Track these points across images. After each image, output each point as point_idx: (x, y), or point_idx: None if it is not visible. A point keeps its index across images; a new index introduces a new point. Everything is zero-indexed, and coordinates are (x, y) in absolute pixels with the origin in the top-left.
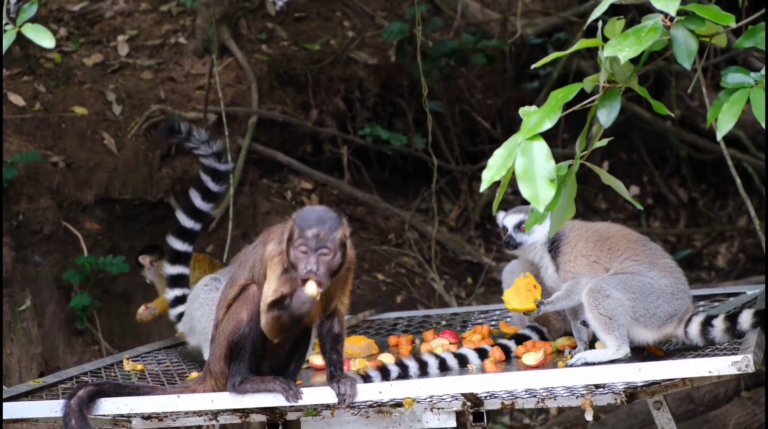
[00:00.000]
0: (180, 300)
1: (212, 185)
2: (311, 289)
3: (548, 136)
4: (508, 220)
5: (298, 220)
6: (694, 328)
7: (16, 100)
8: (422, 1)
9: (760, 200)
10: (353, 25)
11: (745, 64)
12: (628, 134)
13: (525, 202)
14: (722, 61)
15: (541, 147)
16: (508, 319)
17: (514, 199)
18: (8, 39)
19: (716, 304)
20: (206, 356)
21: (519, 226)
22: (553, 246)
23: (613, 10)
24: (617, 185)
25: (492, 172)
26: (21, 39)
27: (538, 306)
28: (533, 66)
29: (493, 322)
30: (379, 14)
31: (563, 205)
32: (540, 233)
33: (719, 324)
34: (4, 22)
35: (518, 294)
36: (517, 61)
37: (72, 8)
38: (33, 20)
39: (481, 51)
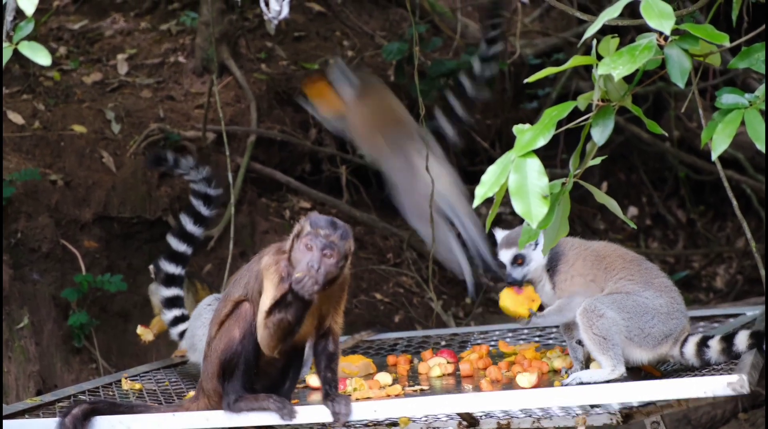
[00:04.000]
0: (179, 319)
1: (203, 209)
2: None
3: (547, 156)
4: (503, 255)
5: (312, 219)
6: (690, 349)
7: (15, 118)
8: (421, 22)
9: (759, 222)
10: (352, 45)
11: (744, 86)
12: (627, 155)
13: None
14: (721, 82)
15: (534, 164)
16: (508, 339)
17: (512, 219)
18: (5, 56)
19: (716, 325)
20: None
21: (516, 261)
22: (551, 264)
23: (613, 30)
24: (611, 204)
25: (485, 188)
26: (20, 57)
27: (530, 315)
28: (526, 80)
29: (492, 343)
30: (379, 34)
31: (557, 223)
32: (538, 260)
33: (715, 345)
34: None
35: (515, 298)
36: (516, 82)
37: (72, 27)
38: (32, 38)
39: None
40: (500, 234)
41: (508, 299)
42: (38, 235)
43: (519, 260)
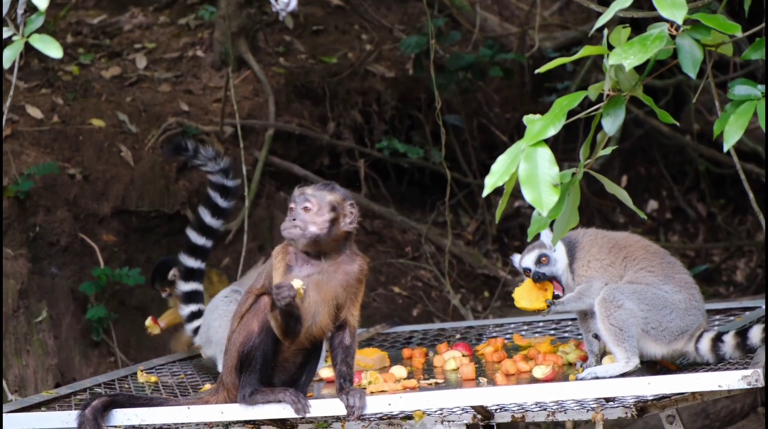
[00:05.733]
0: (196, 315)
1: (221, 201)
2: (295, 282)
3: (566, 149)
4: (525, 261)
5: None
6: (705, 345)
7: (34, 112)
8: (440, 15)
9: None
10: (371, 39)
11: (765, 79)
12: (647, 149)
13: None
14: (741, 75)
15: (545, 153)
16: (523, 332)
17: (530, 212)
18: (15, 49)
19: (732, 318)
20: (220, 368)
21: (540, 261)
22: (570, 254)
23: (632, 23)
24: (621, 194)
25: (495, 177)
26: (39, 52)
27: (548, 306)
28: (537, 71)
29: (507, 335)
30: (397, 27)
31: (566, 213)
32: (561, 260)
33: (729, 340)
34: (11, 33)
35: (529, 293)
36: (535, 75)
37: (91, 21)
38: (50, 32)
39: (498, 64)
40: (517, 256)
41: (523, 299)
42: (57, 229)
43: (543, 259)
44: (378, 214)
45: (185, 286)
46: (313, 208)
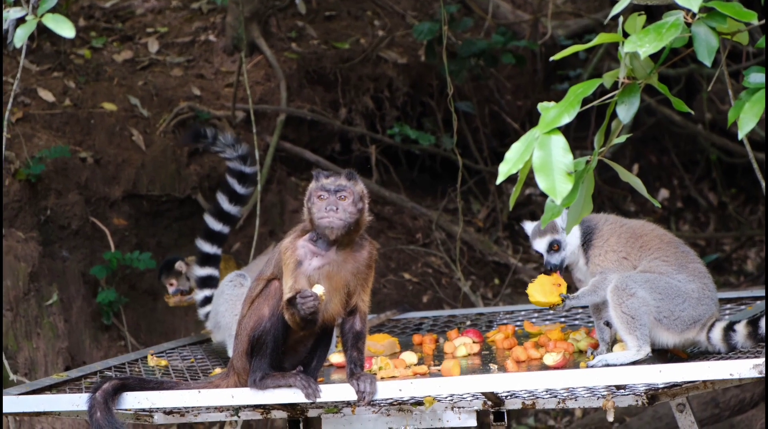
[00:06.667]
0: (209, 300)
1: (238, 188)
2: (318, 288)
3: (577, 137)
4: (538, 244)
5: (315, 176)
6: (717, 334)
7: (46, 95)
8: (452, 1)
9: None
10: (383, 25)
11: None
12: (659, 137)
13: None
14: (755, 64)
15: (559, 140)
16: (533, 320)
17: (542, 200)
18: (28, 29)
19: (743, 307)
20: (230, 352)
21: (552, 247)
22: (586, 239)
23: (647, 12)
24: (635, 182)
25: (509, 165)
26: (52, 35)
27: (563, 300)
28: (551, 58)
29: (518, 323)
30: (410, 14)
31: (580, 201)
32: (573, 242)
33: (741, 329)
34: (24, 13)
35: (542, 288)
36: (548, 63)
37: (103, 5)
38: (65, 14)
39: (511, 51)
40: (529, 226)
41: (537, 293)
42: (68, 213)
43: (555, 246)
44: (389, 201)
45: (200, 271)
46: (349, 198)
